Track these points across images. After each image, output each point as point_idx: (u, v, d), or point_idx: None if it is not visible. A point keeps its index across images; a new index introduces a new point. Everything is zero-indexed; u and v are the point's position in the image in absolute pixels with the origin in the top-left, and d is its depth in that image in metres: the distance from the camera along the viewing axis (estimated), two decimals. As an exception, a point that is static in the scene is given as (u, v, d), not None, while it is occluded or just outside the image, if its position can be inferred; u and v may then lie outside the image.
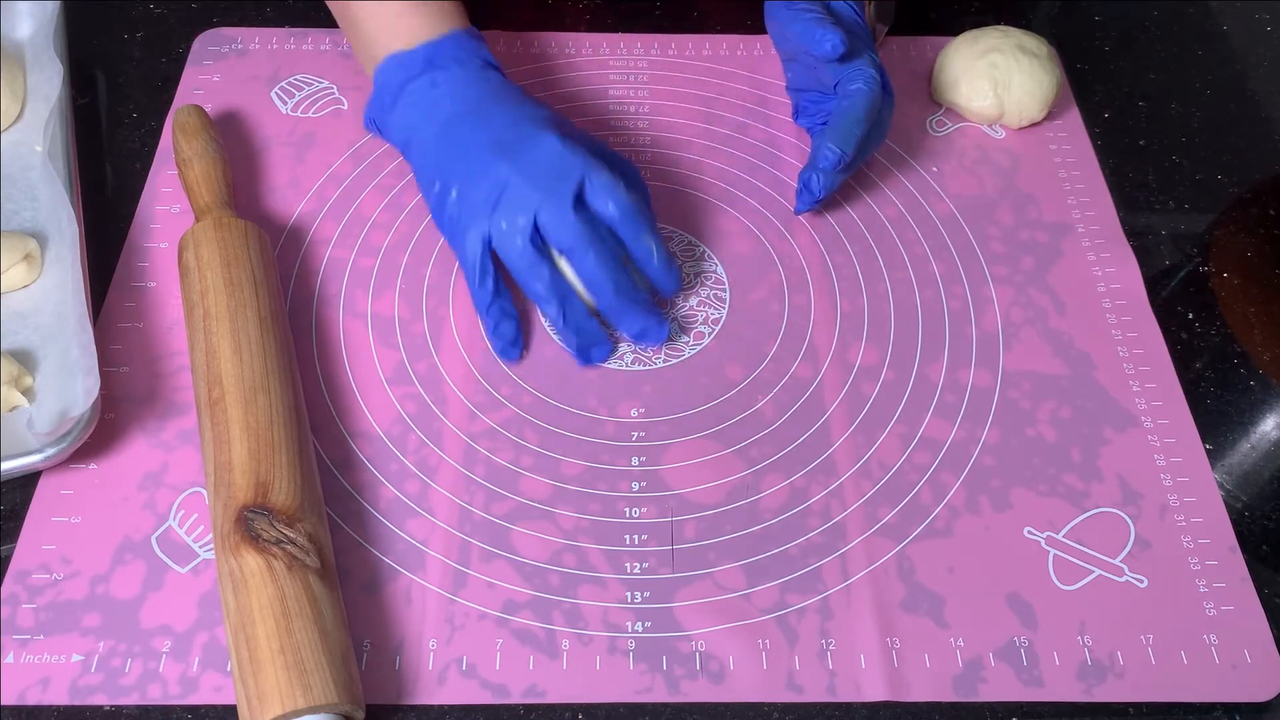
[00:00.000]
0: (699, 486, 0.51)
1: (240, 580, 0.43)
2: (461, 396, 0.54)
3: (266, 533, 0.44)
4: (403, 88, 0.56)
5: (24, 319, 0.54)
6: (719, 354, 0.56)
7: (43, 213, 0.58)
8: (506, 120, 0.53)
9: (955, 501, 0.50)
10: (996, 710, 0.45)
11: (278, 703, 0.40)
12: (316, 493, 0.48)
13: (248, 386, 0.48)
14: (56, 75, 0.60)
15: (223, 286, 0.51)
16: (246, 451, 0.46)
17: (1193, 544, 0.49)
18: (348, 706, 0.41)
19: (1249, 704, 0.45)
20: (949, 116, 0.67)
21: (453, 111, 0.54)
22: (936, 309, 0.58)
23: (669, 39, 0.70)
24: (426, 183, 0.55)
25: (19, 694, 0.44)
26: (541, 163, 0.51)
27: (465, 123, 0.54)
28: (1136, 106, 0.69)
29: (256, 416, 0.47)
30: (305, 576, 0.43)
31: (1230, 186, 0.65)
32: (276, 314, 0.52)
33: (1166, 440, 0.53)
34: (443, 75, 0.55)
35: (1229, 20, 0.75)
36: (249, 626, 0.42)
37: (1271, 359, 0.56)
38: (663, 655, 0.46)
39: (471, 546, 0.49)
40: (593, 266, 0.51)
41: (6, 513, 0.49)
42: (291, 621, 0.42)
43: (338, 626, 0.43)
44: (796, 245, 0.60)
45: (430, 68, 0.55)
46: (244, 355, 0.49)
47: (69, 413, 0.49)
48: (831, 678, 0.45)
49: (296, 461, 0.47)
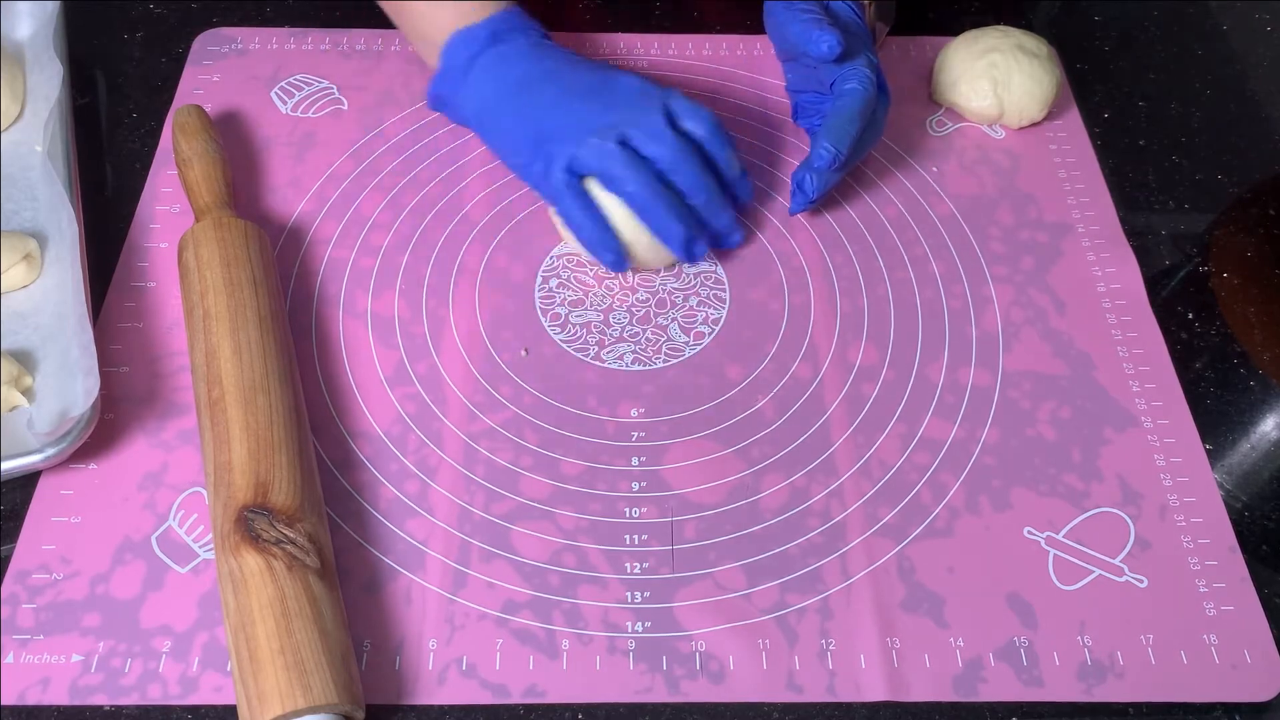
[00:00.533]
0: (699, 486, 0.51)
1: (240, 580, 0.43)
2: (461, 396, 0.54)
3: (266, 533, 0.44)
4: (473, 61, 0.58)
5: (24, 319, 0.54)
6: (719, 354, 0.56)
7: (43, 213, 0.58)
8: (580, 75, 0.57)
9: (955, 501, 0.50)
10: (996, 710, 0.45)
11: (278, 703, 0.40)
12: (316, 493, 0.48)
13: (247, 387, 0.48)
14: (56, 75, 0.60)
15: (223, 286, 0.51)
16: (246, 451, 0.46)
17: (1193, 544, 0.49)
18: (348, 706, 0.41)
19: (1249, 704, 0.45)
20: (949, 116, 0.67)
21: (526, 75, 0.57)
22: (936, 309, 0.58)
23: (669, 39, 0.70)
24: (510, 145, 0.58)
25: (19, 694, 0.44)
26: (625, 96, 0.55)
27: (541, 83, 0.57)
28: (1136, 106, 0.69)
29: (256, 416, 0.47)
30: (305, 576, 0.43)
31: (1230, 186, 0.65)
32: (276, 314, 0.52)
33: (1166, 440, 0.53)
34: (508, 47, 0.58)
35: (1229, 20, 0.75)
36: (249, 626, 0.42)
37: (1271, 359, 0.56)
38: (663, 655, 0.46)
39: (471, 546, 0.49)
40: (691, 173, 0.54)
41: (6, 513, 0.49)
42: (291, 621, 0.42)
43: (338, 626, 0.43)
44: (796, 245, 0.60)
45: (496, 41, 0.58)
46: (244, 355, 0.49)
47: (69, 413, 0.49)
48: (831, 678, 0.45)
49: (296, 461, 0.47)
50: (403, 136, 0.64)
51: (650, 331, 0.56)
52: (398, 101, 0.66)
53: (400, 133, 0.65)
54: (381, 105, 0.66)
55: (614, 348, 0.56)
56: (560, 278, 0.58)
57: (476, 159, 0.63)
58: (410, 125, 0.65)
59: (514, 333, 0.56)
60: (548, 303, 0.57)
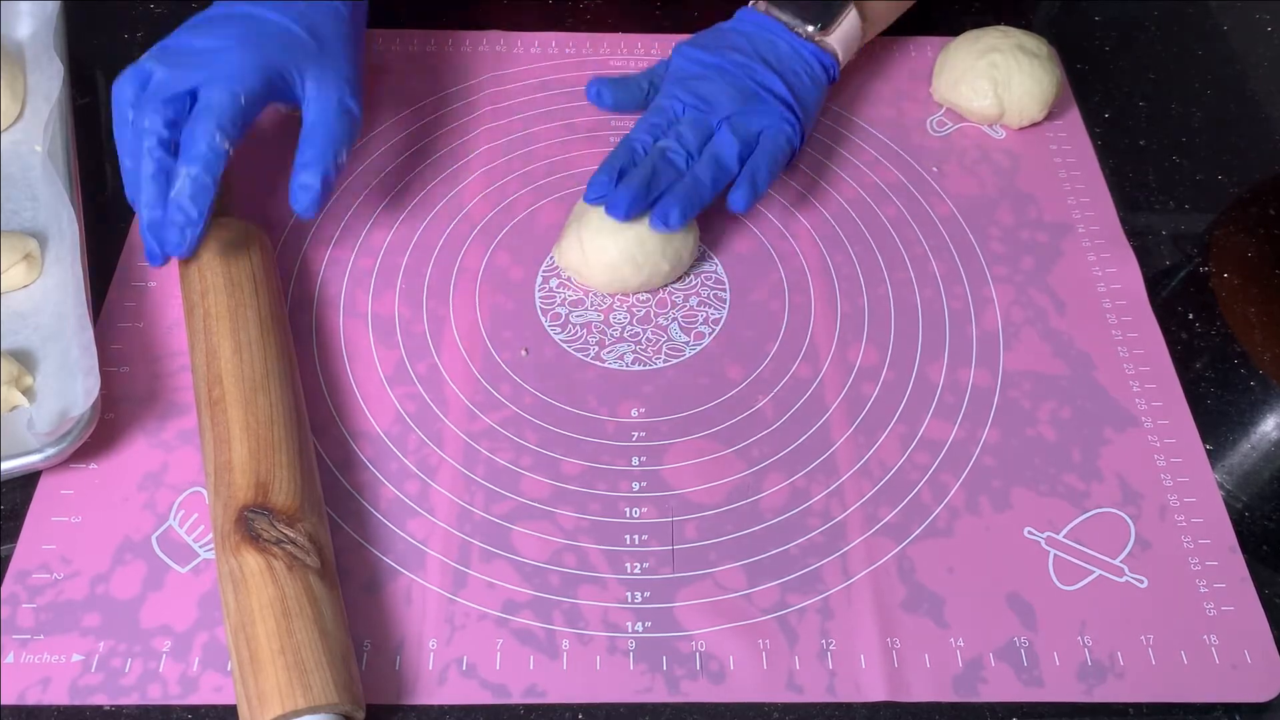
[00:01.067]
0: (699, 486, 0.51)
1: (240, 580, 0.43)
2: (461, 396, 0.54)
3: (267, 533, 0.44)
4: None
5: (24, 319, 0.54)
6: (719, 354, 0.56)
7: (43, 213, 0.58)
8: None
9: (955, 501, 0.50)
10: (996, 710, 0.45)
11: (278, 703, 0.40)
12: (317, 492, 0.48)
13: (248, 386, 0.48)
14: (56, 75, 0.60)
15: (223, 286, 0.51)
16: (247, 451, 0.46)
17: (1193, 544, 0.49)
18: (348, 706, 0.41)
19: (1249, 704, 0.45)
20: (949, 116, 0.67)
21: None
22: (937, 309, 0.58)
23: (669, 39, 0.70)
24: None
25: (19, 694, 0.44)
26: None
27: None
28: (1136, 106, 0.69)
29: (256, 416, 0.47)
30: (305, 576, 0.43)
31: (1230, 186, 0.65)
32: (277, 314, 0.52)
33: (1167, 440, 0.53)
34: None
35: (1229, 20, 0.75)
36: (249, 626, 0.42)
37: (1271, 359, 0.56)
38: (663, 655, 0.46)
39: (471, 546, 0.49)
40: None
41: (6, 513, 0.49)
42: (292, 621, 0.42)
43: (338, 626, 0.43)
44: (796, 245, 0.60)
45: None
46: (244, 355, 0.49)
47: (69, 413, 0.49)
48: (831, 678, 0.45)
49: (296, 461, 0.47)
50: (403, 136, 0.64)
51: (650, 331, 0.56)
52: (398, 101, 0.66)
53: (400, 133, 0.65)
54: (381, 105, 0.66)
55: (614, 348, 0.56)
56: (560, 278, 0.58)
57: (477, 159, 0.63)
58: (410, 125, 0.65)
59: (514, 332, 0.56)
60: (548, 302, 0.57)
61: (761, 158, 0.56)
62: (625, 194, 0.53)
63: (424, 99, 0.66)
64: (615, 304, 0.57)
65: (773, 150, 0.57)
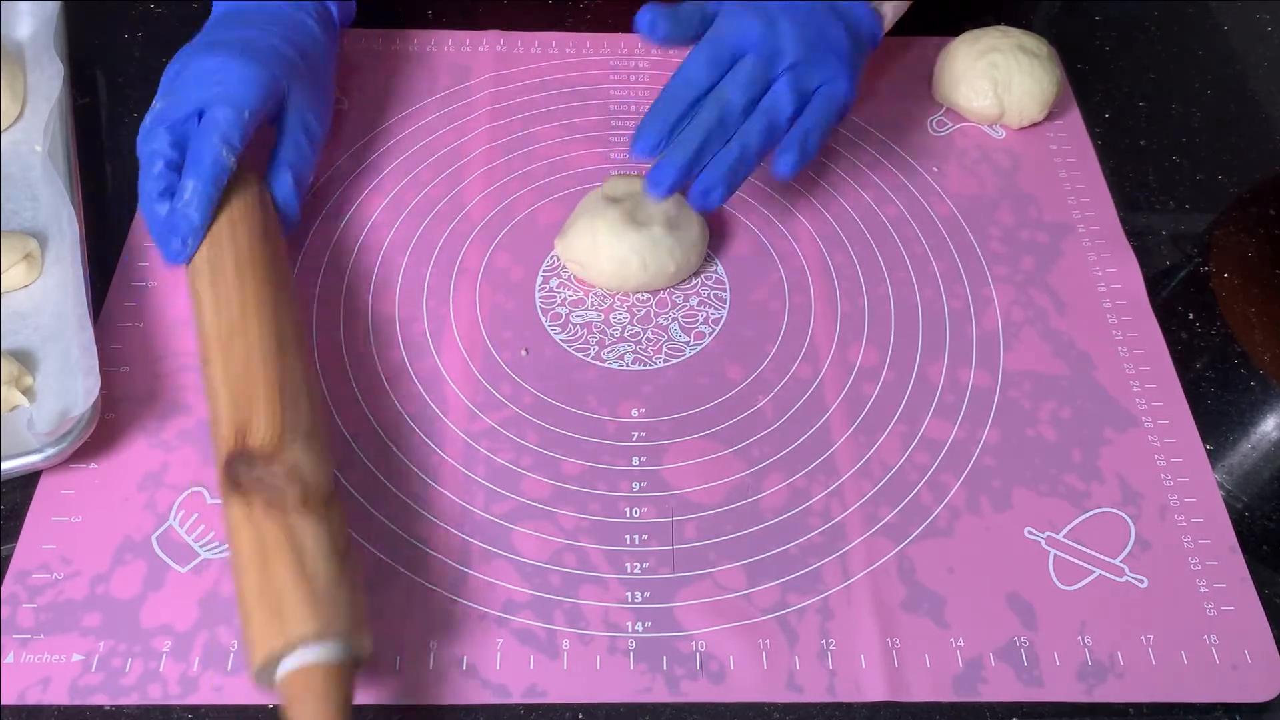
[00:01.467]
0: (699, 486, 0.51)
1: (232, 531, 0.43)
2: (462, 396, 0.54)
3: (245, 476, 0.43)
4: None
5: (24, 319, 0.54)
6: (719, 354, 0.56)
7: (43, 213, 0.58)
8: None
9: (955, 502, 0.50)
10: (996, 710, 0.45)
11: (261, 648, 0.39)
12: (305, 417, 0.46)
13: (225, 336, 0.48)
14: (56, 75, 0.60)
15: (204, 248, 0.51)
16: (228, 402, 0.46)
17: (1193, 544, 0.49)
18: (335, 638, 0.40)
19: (1249, 704, 0.45)
20: (949, 116, 0.67)
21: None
22: (937, 309, 0.58)
23: (669, 39, 0.70)
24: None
25: (19, 694, 0.44)
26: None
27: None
28: (1136, 106, 0.69)
29: (234, 362, 0.47)
30: (284, 516, 0.42)
31: (1230, 186, 0.65)
32: (255, 246, 0.51)
33: (1167, 440, 0.53)
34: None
35: (1229, 20, 0.75)
36: (240, 576, 0.41)
37: (1271, 359, 0.56)
38: (663, 655, 0.46)
39: (472, 546, 0.49)
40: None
41: (6, 513, 0.49)
42: (270, 566, 0.41)
43: (323, 556, 0.41)
44: (797, 245, 0.60)
45: None
46: (221, 304, 0.49)
47: (69, 413, 0.49)
48: (831, 678, 0.45)
49: (275, 393, 0.45)
50: (403, 136, 0.64)
51: (650, 331, 0.56)
52: (398, 101, 0.66)
53: (400, 133, 0.65)
54: (381, 105, 0.66)
55: (614, 347, 0.56)
56: (560, 278, 0.58)
57: (477, 159, 0.63)
58: (410, 125, 0.65)
59: (514, 332, 0.56)
60: (548, 302, 0.57)
61: (815, 118, 0.53)
62: (670, 169, 0.51)
63: (424, 99, 0.66)
64: (615, 304, 0.57)
65: (826, 111, 0.54)
